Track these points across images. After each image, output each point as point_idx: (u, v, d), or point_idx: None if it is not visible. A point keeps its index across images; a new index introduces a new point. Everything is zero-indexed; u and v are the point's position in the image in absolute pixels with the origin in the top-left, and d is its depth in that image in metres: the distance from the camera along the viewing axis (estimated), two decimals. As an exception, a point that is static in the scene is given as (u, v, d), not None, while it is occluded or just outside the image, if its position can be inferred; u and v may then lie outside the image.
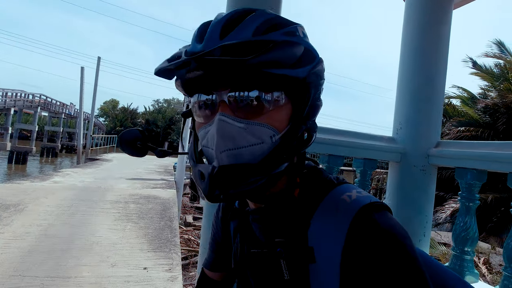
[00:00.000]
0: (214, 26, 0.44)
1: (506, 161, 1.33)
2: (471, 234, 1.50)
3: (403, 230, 0.44)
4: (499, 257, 6.12)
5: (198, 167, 0.46)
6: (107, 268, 2.47)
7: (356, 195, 0.47)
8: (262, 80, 0.43)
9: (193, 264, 4.37)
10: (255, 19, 0.44)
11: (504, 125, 9.53)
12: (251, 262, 0.56)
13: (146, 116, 55.81)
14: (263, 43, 0.41)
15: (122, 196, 4.65)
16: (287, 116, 0.47)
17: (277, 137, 0.45)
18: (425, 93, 1.73)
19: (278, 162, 0.45)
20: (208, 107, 0.47)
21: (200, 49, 0.43)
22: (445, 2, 1.78)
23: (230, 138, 0.43)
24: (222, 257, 0.71)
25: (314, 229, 0.47)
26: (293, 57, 0.44)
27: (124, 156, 13.65)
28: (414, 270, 0.40)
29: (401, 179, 1.73)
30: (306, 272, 0.46)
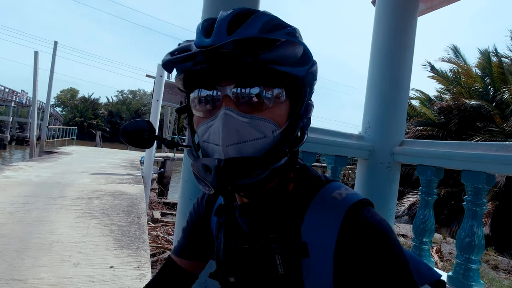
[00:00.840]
0: (221, 22, 0.45)
1: (461, 160, 1.46)
2: (429, 225, 1.63)
3: (388, 224, 0.47)
4: (449, 246, 6.72)
5: (201, 161, 0.47)
6: (69, 268, 2.33)
7: (346, 193, 0.51)
8: (265, 76, 0.45)
9: (161, 261, 4.27)
10: (259, 18, 0.45)
11: (456, 126, 10.41)
12: (241, 257, 0.56)
13: (109, 107, 52.84)
14: (269, 41, 0.43)
15: (84, 192, 4.38)
16: (287, 112, 0.49)
17: (278, 132, 0.47)
18: (391, 95, 1.84)
19: (279, 156, 0.47)
20: (210, 102, 0.47)
21: (210, 43, 0.43)
22: (411, 10, 1.89)
23: (235, 132, 0.44)
24: (195, 245, 0.71)
25: (307, 224, 0.49)
26: (295, 56, 0.47)
27: (85, 150, 12.83)
28: (399, 260, 0.44)
29: (369, 175, 1.82)
30: (299, 267, 0.48)
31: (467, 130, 9.85)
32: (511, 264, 6.19)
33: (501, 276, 5.56)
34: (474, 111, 10.01)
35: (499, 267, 6.06)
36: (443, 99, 11.92)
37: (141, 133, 0.56)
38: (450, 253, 6.26)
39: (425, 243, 1.65)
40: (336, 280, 0.45)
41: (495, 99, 9.81)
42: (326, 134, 1.69)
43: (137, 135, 0.56)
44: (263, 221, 0.53)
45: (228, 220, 0.59)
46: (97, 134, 21.50)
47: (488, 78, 10.43)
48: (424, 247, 1.65)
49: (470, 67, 11.29)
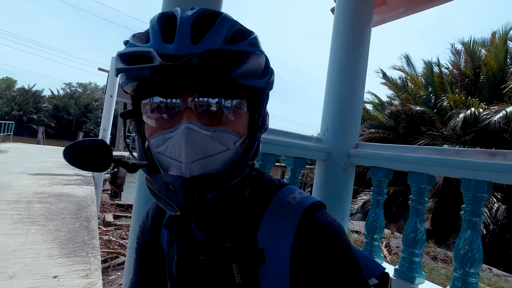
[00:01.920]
0: (183, 26, 0.41)
1: (407, 162, 1.58)
2: (380, 223, 1.74)
3: (339, 225, 0.49)
4: (396, 241, 7.31)
5: (162, 179, 0.43)
6: (3, 280, 2.08)
7: (300, 197, 0.51)
8: (229, 88, 0.43)
9: (113, 267, 4.01)
10: (223, 24, 0.43)
11: (404, 129, 11.36)
12: (197, 270, 0.53)
13: (55, 101, 48.12)
14: (237, 53, 0.42)
15: (23, 194, 3.93)
16: (247, 122, 0.49)
17: (239, 143, 0.46)
18: (347, 101, 1.93)
19: (242, 168, 0.46)
20: (167, 112, 0.43)
21: (173, 52, 0.40)
22: (366, 21, 2.01)
23: (199, 147, 0.42)
24: (151, 273, 0.66)
25: (263, 231, 0.49)
26: (259, 68, 0.46)
27: (25, 147, 11.53)
28: (351, 260, 0.47)
29: (326, 176, 1.90)
30: (256, 274, 0.48)
31: (413, 134, 10.82)
32: (447, 254, 6.93)
33: (439, 266, 6.19)
34: (419, 116, 11.02)
35: (438, 257, 6.75)
36: (393, 104, 12.94)
37: (94, 154, 0.48)
38: (397, 247, 6.81)
39: (376, 239, 1.76)
40: (292, 283, 0.46)
41: (436, 106, 10.90)
42: (286, 136, 1.72)
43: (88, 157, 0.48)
44: (219, 230, 0.52)
45: (180, 232, 0.56)
46: (40, 130, 19.46)
47: (430, 87, 11.55)
48: (375, 243, 1.76)
49: (416, 76, 12.41)
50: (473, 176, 1.29)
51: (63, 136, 44.69)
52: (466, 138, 9.31)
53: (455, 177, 1.41)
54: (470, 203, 1.32)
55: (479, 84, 10.62)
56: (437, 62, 11.77)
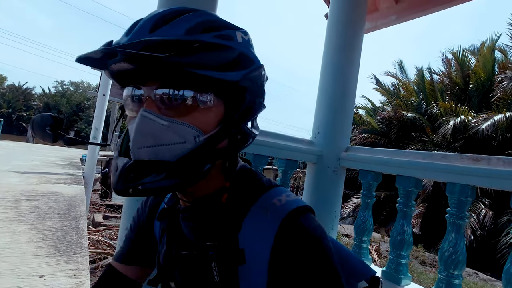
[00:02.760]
0: (146, 21, 0.43)
1: (396, 166, 1.62)
2: (368, 226, 1.77)
3: (323, 231, 0.49)
4: (386, 245, 7.38)
5: (117, 160, 0.45)
6: (-14, 280, 2.04)
7: (286, 200, 0.51)
8: (191, 80, 0.43)
9: (102, 268, 3.95)
10: (190, 19, 0.43)
11: (395, 134, 11.52)
12: (179, 263, 0.55)
13: (46, 99, 47.30)
14: (189, 42, 0.41)
15: (10, 193, 3.86)
16: (216, 118, 0.47)
17: (202, 138, 0.45)
18: (339, 104, 1.97)
19: (200, 162, 0.45)
20: (134, 101, 0.46)
21: (125, 41, 0.41)
22: (358, 27, 2.06)
23: (150, 135, 0.42)
24: (139, 250, 0.68)
25: (245, 231, 0.49)
26: (221, 60, 0.44)
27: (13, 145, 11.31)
28: (329, 266, 0.46)
29: (317, 179, 1.92)
30: (236, 274, 0.48)
31: (404, 139, 10.98)
32: (436, 259, 7.02)
33: (428, 270, 6.27)
34: (410, 123, 11.20)
35: (426, 262, 6.84)
36: (385, 110, 13.12)
37: (44, 127, 0.53)
38: (387, 251, 6.88)
39: (364, 241, 1.79)
40: (269, 285, 0.46)
41: (427, 112, 11.10)
42: (278, 138, 1.74)
43: (41, 128, 0.53)
44: (203, 227, 0.53)
45: (170, 224, 0.57)
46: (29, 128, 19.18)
47: (422, 94, 11.76)
48: (363, 246, 1.79)
49: (409, 83, 12.62)
50: (458, 180, 1.32)
51: (54, 134, 43.86)
52: (456, 145, 9.50)
53: (441, 181, 1.45)
54: (455, 206, 1.35)
55: (469, 92, 10.87)
56: (429, 69, 12.01)
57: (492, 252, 7.67)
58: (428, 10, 2.35)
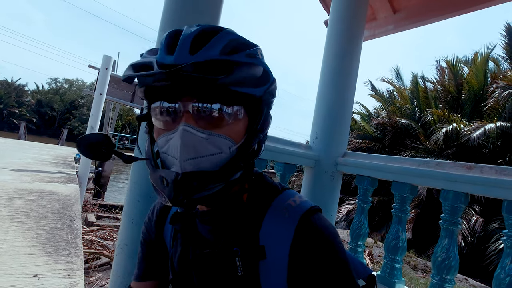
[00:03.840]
0: (184, 40, 0.46)
1: (392, 172, 1.65)
2: (364, 230, 1.80)
3: (334, 228, 0.54)
4: (379, 250, 7.44)
5: (159, 173, 0.48)
6: (-21, 278, 2.01)
7: (299, 201, 0.56)
8: (225, 95, 0.47)
9: (94, 268, 3.92)
10: (221, 39, 0.47)
11: (389, 141, 11.65)
12: (200, 263, 0.57)
13: (38, 96, 46.61)
14: (229, 63, 0.45)
15: (3, 190, 3.81)
16: (244, 129, 0.52)
17: (234, 148, 0.50)
18: (337, 110, 2.01)
19: (235, 170, 0.49)
20: (170, 115, 0.48)
21: (172, 61, 0.44)
22: (357, 35, 2.10)
23: (193, 148, 0.46)
24: (155, 264, 0.70)
25: (264, 229, 0.53)
26: (254, 77, 0.49)
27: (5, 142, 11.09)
28: (342, 261, 0.51)
29: (314, 183, 1.95)
30: (257, 268, 0.52)
31: (398, 146, 11.12)
32: (427, 264, 7.10)
33: (419, 275, 6.34)
34: (404, 129, 11.34)
35: (418, 267, 6.91)
36: (380, 116, 13.28)
37: (98, 146, 0.55)
38: (379, 256, 6.93)
39: (359, 246, 1.82)
40: (289, 278, 0.50)
41: (421, 119, 11.26)
42: (277, 142, 1.77)
43: (93, 148, 0.55)
44: (223, 227, 0.56)
45: (185, 227, 0.60)
46: (22, 125, 18.83)
47: (415, 101, 11.94)
48: (358, 249, 1.82)
49: (404, 89, 12.80)
50: (452, 187, 1.37)
51: (45, 132, 43.30)
52: (448, 152, 9.65)
53: (436, 187, 1.49)
54: (449, 213, 1.39)
55: (461, 100, 11.06)
56: (422, 77, 12.20)
57: (481, 258, 7.79)
58: (425, 21, 2.41)
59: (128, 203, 1.27)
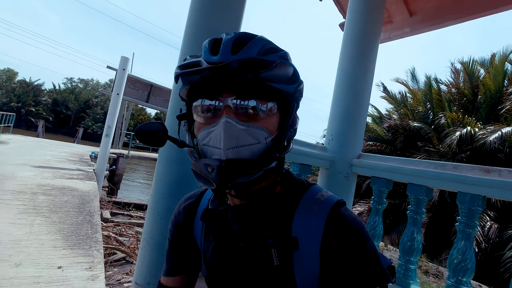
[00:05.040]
0: (226, 43, 0.52)
1: (407, 174, 1.67)
2: (378, 231, 1.83)
3: (361, 220, 0.58)
4: (389, 253, 7.36)
5: (204, 161, 0.53)
6: (9, 268, 2.13)
7: (327, 195, 0.61)
8: (262, 91, 0.53)
9: (110, 263, 4.04)
10: (257, 43, 0.53)
11: (401, 143, 11.49)
12: (235, 255, 0.61)
13: (54, 95, 47.96)
14: (266, 62, 0.51)
15: (28, 186, 3.97)
16: (277, 123, 0.57)
17: (270, 139, 0.55)
18: (353, 112, 2.03)
19: (270, 160, 0.54)
20: (211, 111, 0.54)
21: (217, 60, 0.50)
22: (374, 38, 2.13)
23: (234, 138, 0.51)
24: (183, 260, 0.73)
25: (297, 222, 0.58)
26: (286, 76, 0.55)
27: (24, 139, 11.51)
28: (370, 249, 0.54)
29: (329, 183, 1.98)
30: (290, 258, 0.56)
31: (410, 148, 10.95)
32: (439, 269, 6.99)
33: (431, 280, 6.25)
34: (416, 132, 11.17)
35: (429, 272, 6.81)
36: (392, 118, 13.11)
37: (155, 133, 0.61)
38: (390, 259, 6.86)
39: (373, 246, 1.84)
40: (322, 267, 0.54)
41: (434, 122, 11.07)
42: (294, 143, 1.81)
43: (151, 134, 0.61)
44: (256, 220, 0.60)
45: (218, 222, 0.64)
46: (40, 124, 19.44)
47: (429, 103, 11.75)
48: (372, 250, 1.84)
49: (417, 91, 12.60)
50: (469, 190, 1.38)
51: (60, 130, 44.47)
52: (462, 155, 9.46)
53: (452, 190, 1.51)
54: (465, 215, 1.41)
55: (477, 103, 10.83)
56: (436, 79, 11.99)
57: (496, 265, 7.61)
58: (441, 24, 2.42)
59: (154, 200, 1.34)
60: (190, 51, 1.30)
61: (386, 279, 0.53)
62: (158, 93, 14.33)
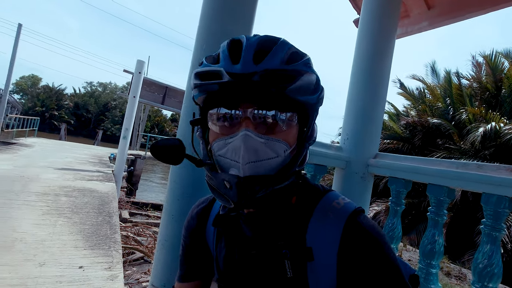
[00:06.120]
0: (247, 50, 0.49)
1: (427, 174, 1.61)
2: (397, 233, 1.77)
3: (380, 228, 0.55)
4: (408, 254, 7.16)
5: (221, 176, 0.51)
6: (33, 268, 2.21)
7: (344, 202, 0.57)
8: (283, 102, 0.50)
9: (129, 262, 4.14)
10: (280, 49, 0.50)
11: (420, 141, 11.15)
12: (246, 263, 0.59)
13: (75, 99, 49.93)
14: (291, 72, 0.48)
15: (50, 187, 4.13)
16: (296, 134, 0.55)
17: (288, 152, 0.52)
18: (369, 111, 1.98)
19: (290, 174, 0.52)
20: (229, 120, 0.51)
21: (239, 70, 0.48)
22: (390, 34, 2.06)
23: (253, 152, 0.49)
24: (197, 265, 0.72)
25: (311, 231, 0.55)
26: (311, 86, 0.52)
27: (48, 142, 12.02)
28: (391, 260, 0.51)
29: (344, 184, 1.94)
30: (305, 270, 0.53)
31: (429, 146, 10.60)
32: (462, 271, 6.73)
33: (453, 282, 6.02)
34: (435, 128, 10.80)
35: (451, 273, 6.57)
36: (409, 115, 12.73)
37: (172, 150, 0.58)
38: (409, 260, 6.67)
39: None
40: (339, 280, 0.51)
41: (454, 118, 10.67)
42: (308, 143, 1.78)
43: (167, 152, 0.58)
44: (269, 228, 0.57)
45: (230, 229, 0.62)
46: (62, 127, 20.26)
47: (449, 99, 11.32)
48: (391, 253, 1.79)
49: (436, 86, 12.17)
50: (495, 191, 1.31)
51: (81, 133, 46.11)
52: (485, 152, 9.06)
53: (476, 191, 1.43)
54: (491, 217, 1.34)
55: (500, 97, 10.34)
56: (457, 73, 11.54)
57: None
58: (460, 17, 2.31)
59: (168, 202, 1.35)
60: (202, 55, 1.30)
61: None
62: (173, 95, 14.58)
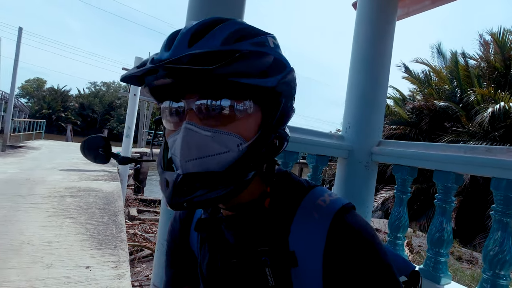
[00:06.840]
0: (183, 34, 0.43)
1: (433, 160, 1.55)
2: (403, 222, 1.72)
3: (371, 227, 0.49)
4: (418, 240, 7.12)
5: (164, 175, 0.45)
6: (41, 269, 2.23)
7: (330, 199, 0.51)
8: (230, 89, 0.43)
9: (139, 259, 4.19)
10: (225, 29, 0.44)
11: (427, 125, 10.96)
12: (228, 271, 0.54)
13: (81, 100, 50.53)
14: (230, 52, 0.41)
15: (56, 189, 4.17)
16: (256, 124, 0.47)
17: (244, 146, 0.45)
18: (370, 97, 1.91)
19: (245, 170, 0.45)
20: (176, 114, 0.46)
21: (167, 56, 0.41)
22: (390, 15, 1.97)
23: (196, 147, 0.42)
24: (182, 271, 0.68)
25: (294, 234, 0.49)
26: (261, 67, 0.44)
27: (55, 144, 12.20)
28: (384, 264, 0.46)
29: (348, 174, 1.89)
30: (289, 276, 0.48)
31: (436, 130, 10.41)
32: (473, 255, 6.67)
33: (464, 266, 5.97)
34: (443, 112, 10.58)
35: (463, 258, 6.51)
36: (415, 99, 12.49)
37: (96, 149, 0.54)
38: (419, 246, 6.63)
39: (399, 238, 1.74)
40: (325, 285, 0.46)
41: (462, 100, 10.42)
42: (308, 134, 1.73)
43: (93, 151, 0.54)
44: (250, 233, 0.52)
45: (211, 234, 0.57)
46: (68, 128, 20.49)
47: (455, 81, 11.05)
48: (398, 242, 1.74)
49: (442, 69, 11.88)
50: (505, 175, 1.24)
51: (88, 133, 46.68)
52: (495, 134, 8.86)
53: (486, 176, 1.37)
54: (501, 203, 1.28)
55: (510, 76, 10.04)
56: (463, 54, 11.22)
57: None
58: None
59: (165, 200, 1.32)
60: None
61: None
62: (175, 90, 14.51)
